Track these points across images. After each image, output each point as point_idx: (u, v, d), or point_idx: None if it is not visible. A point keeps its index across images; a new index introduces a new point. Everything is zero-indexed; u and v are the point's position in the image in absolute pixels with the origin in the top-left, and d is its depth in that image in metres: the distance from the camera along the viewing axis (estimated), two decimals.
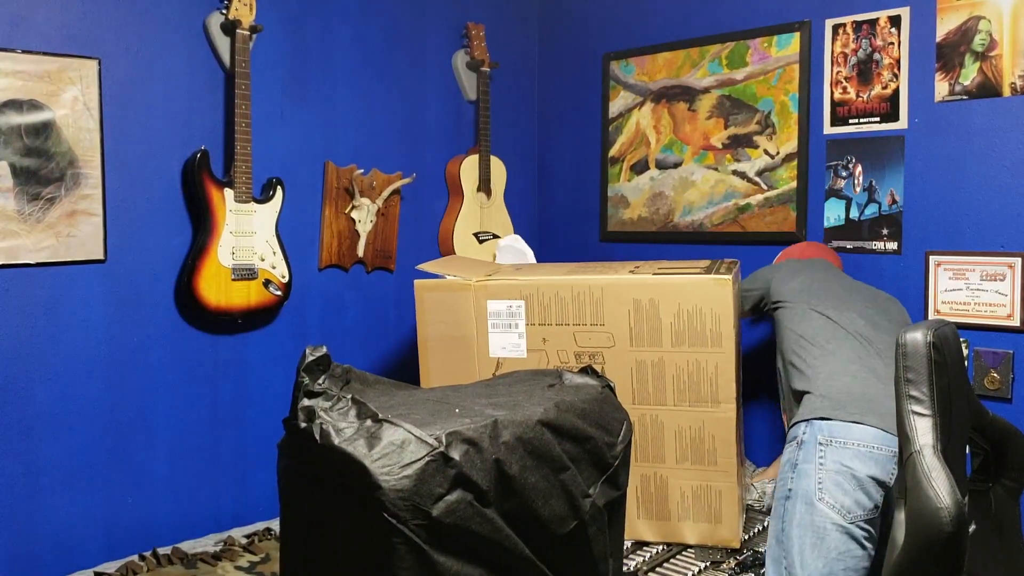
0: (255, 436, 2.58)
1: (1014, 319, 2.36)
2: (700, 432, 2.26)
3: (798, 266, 2.44)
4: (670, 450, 2.29)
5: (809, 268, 2.41)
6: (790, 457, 1.93)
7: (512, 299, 2.35)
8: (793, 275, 2.37)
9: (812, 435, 1.90)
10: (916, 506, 1.28)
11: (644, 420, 2.29)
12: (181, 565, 2.21)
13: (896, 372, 1.41)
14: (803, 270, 2.39)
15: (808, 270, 2.39)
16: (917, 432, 1.35)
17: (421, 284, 2.45)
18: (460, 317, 2.39)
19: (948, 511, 1.24)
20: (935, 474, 1.29)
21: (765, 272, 2.47)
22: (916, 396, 1.37)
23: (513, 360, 2.34)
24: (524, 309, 2.34)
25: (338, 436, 1.36)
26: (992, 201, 2.43)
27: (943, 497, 1.25)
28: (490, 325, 2.37)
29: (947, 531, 1.23)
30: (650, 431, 2.29)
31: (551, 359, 2.33)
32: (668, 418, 2.28)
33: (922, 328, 1.41)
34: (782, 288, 2.34)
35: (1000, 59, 2.40)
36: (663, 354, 2.24)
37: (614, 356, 2.27)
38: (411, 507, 1.31)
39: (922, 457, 1.31)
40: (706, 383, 2.21)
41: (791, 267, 2.44)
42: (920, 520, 1.27)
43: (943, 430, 1.35)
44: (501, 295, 2.36)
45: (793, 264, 2.47)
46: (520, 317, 2.35)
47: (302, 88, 2.71)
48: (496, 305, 2.36)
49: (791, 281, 2.34)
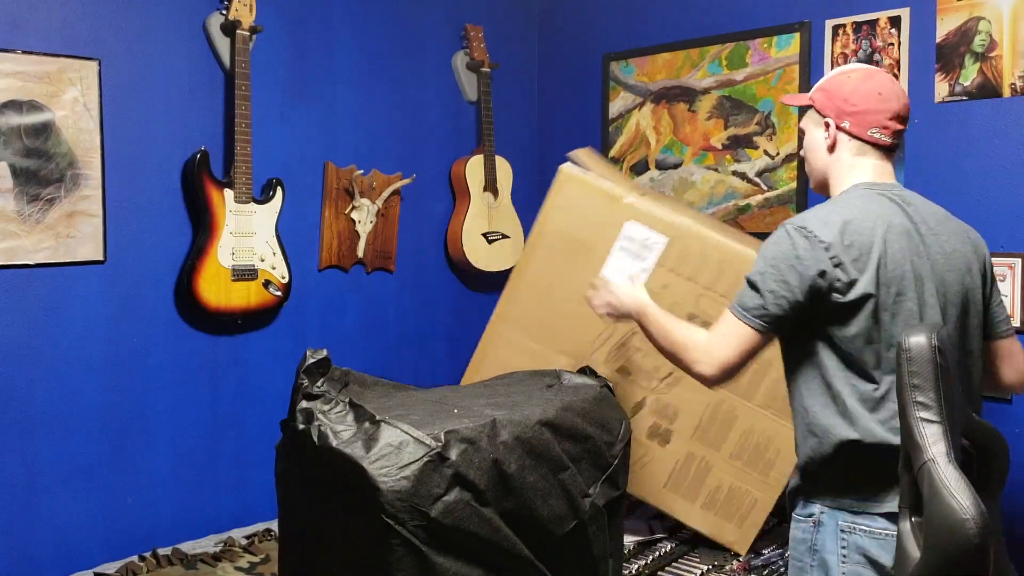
0: (255, 437, 2.58)
1: (1014, 320, 2.36)
2: (768, 442, 2.22)
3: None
4: (730, 443, 2.25)
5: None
6: (806, 537, 1.67)
7: (656, 231, 2.23)
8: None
9: (832, 519, 1.62)
10: (937, 517, 1.25)
11: (720, 405, 2.24)
12: (181, 566, 2.21)
13: (899, 377, 1.40)
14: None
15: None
16: (928, 440, 1.33)
17: (568, 171, 2.31)
18: (593, 221, 2.25)
19: (975, 521, 1.22)
20: (954, 483, 1.26)
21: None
22: (923, 402, 1.36)
23: None
24: (663, 248, 2.22)
25: (336, 438, 1.36)
26: (992, 202, 2.43)
27: (967, 507, 1.23)
28: (618, 246, 2.24)
29: (975, 542, 1.21)
30: (719, 417, 2.25)
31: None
32: (744, 414, 2.24)
33: (924, 331, 1.39)
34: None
35: (1000, 60, 2.39)
36: (775, 356, 2.11)
37: None
38: (409, 508, 1.32)
39: (937, 466, 1.29)
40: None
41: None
42: (943, 531, 1.24)
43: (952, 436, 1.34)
44: (647, 222, 2.24)
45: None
46: (654, 252, 2.23)
47: (302, 89, 2.71)
48: (635, 229, 2.24)
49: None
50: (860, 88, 1.65)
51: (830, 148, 1.68)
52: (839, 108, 1.66)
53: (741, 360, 1.62)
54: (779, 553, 2.25)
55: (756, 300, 1.59)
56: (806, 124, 1.75)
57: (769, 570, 2.17)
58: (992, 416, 2.34)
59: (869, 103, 1.65)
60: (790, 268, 1.55)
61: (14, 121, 2.10)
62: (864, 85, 1.66)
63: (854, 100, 1.65)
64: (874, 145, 1.66)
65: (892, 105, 1.65)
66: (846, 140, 1.66)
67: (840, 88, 1.66)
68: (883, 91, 1.67)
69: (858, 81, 1.67)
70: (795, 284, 1.55)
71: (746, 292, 1.61)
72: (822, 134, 1.69)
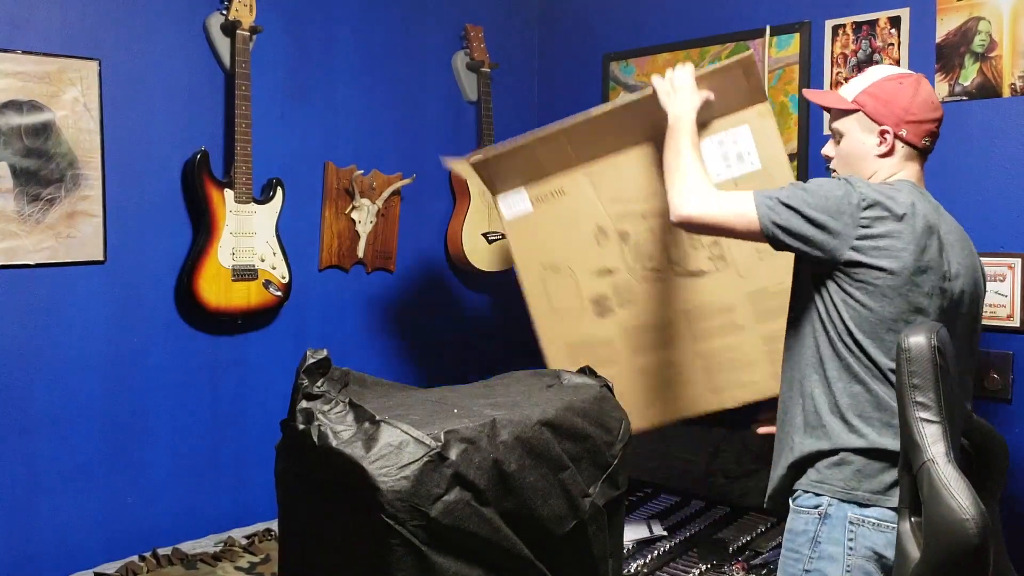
0: (255, 436, 2.58)
1: (1014, 320, 2.36)
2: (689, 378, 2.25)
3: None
4: (644, 355, 2.25)
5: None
6: (808, 529, 1.61)
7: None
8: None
9: (842, 512, 1.57)
10: (937, 517, 1.26)
11: (669, 326, 2.23)
12: (181, 566, 2.21)
13: (899, 377, 1.40)
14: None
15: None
16: (928, 440, 1.33)
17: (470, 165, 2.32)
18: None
19: (974, 521, 1.22)
20: (954, 484, 1.27)
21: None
22: (923, 402, 1.36)
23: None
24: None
25: (336, 438, 1.36)
26: (992, 202, 2.43)
27: (967, 507, 1.23)
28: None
29: (974, 542, 1.22)
30: (660, 331, 2.24)
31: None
32: (678, 350, 2.24)
33: (924, 331, 1.39)
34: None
35: (1000, 60, 2.39)
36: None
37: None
38: (409, 508, 1.32)
39: (936, 466, 1.30)
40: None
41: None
42: (944, 532, 1.24)
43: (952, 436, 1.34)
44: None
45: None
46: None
47: (302, 89, 2.71)
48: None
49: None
50: (918, 98, 1.68)
51: (884, 155, 1.69)
52: (899, 117, 1.67)
53: (718, 226, 1.67)
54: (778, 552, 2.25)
55: (784, 206, 1.60)
56: (847, 127, 1.73)
57: (768, 570, 2.17)
58: (992, 416, 2.34)
59: (926, 112, 1.69)
60: (839, 213, 1.56)
61: (14, 121, 2.10)
62: (921, 95, 1.69)
63: (914, 110, 1.67)
64: (921, 151, 1.71)
65: (939, 113, 1.72)
66: (900, 147, 1.68)
67: (898, 97, 1.67)
68: (934, 99, 1.72)
69: (914, 90, 1.68)
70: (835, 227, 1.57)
71: (782, 192, 1.62)
72: (872, 140, 1.69)
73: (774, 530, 2.38)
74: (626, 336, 2.24)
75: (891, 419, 1.53)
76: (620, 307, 2.22)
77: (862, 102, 1.69)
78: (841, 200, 1.56)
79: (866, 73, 1.75)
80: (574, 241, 2.24)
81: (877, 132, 1.68)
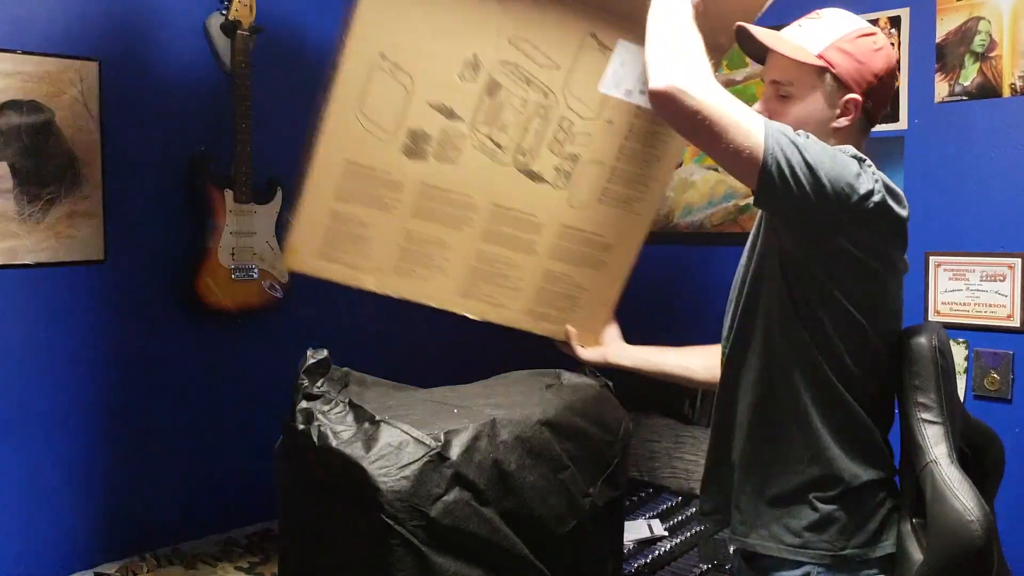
0: (255, 436, 2.57)
1: (1014, 320, 2.36)
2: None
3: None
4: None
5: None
6: None
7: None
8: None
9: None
10: (941, 519, 1.25)
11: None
12: (181, 566, 2.21)
13: (901, 378, 1.39)
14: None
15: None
16: (930, 441, 1.33)
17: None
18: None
19: (979, 522, 1.22)
20: (958, 485, 1.26)
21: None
22: (925, 403, 1.36)
23: None
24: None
25: (336, 438, 1.36)
26: (992, 202, 2.43)
27: (972, 509, 1.23)
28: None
29: (980, 544, 1.21)
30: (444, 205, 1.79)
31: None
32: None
33: (925, 332, 1.39)
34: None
35: (1000, 60, 2.39)
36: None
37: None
38: (409, 508, 1.32)
39: (940, 467, 1.29)
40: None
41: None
42: (948, 533, 1.24)
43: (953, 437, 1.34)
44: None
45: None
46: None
47: (302, 89, 2.70)
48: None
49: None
50: (890, 64, 1.40)
51: (841, 128, 1.38)
52: (869, 83, 1.37)
53: (707, 118, 1.23)
54: None
55: (793, 145, 1.24)
56: (804, 85, 1.38)
57: None
58: (992, 416, 2.34)
59: (892, 82, 1.43)
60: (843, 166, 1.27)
61: (14, 121, 2.10)
62: (891, 59, 1.41)
63: (886, 79, 1.40)
64: (869, 130, 1.45)
65: (898, 82, 1.48)
66: (860, 120, 1.40)
67: (872, 61, 1.37)
68: (897, 62, 1.44)
69: (887, 54, 1.40)
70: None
71: (797, 135, 1.27)
72: (833, 109, 1.37)
73: None
74: (419, 191, 1.78)
75: (871, 442, 1.37)
76: (435, 158, 1.75)
77: (833, 60, 1.36)
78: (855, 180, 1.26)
79: (826, 20, 1.41)
80: (438, 53, 1.73)
81: (843, 100, 1.36)
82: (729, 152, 1.25)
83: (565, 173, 1.80)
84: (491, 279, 1.85)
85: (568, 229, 1.82)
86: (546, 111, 1.76)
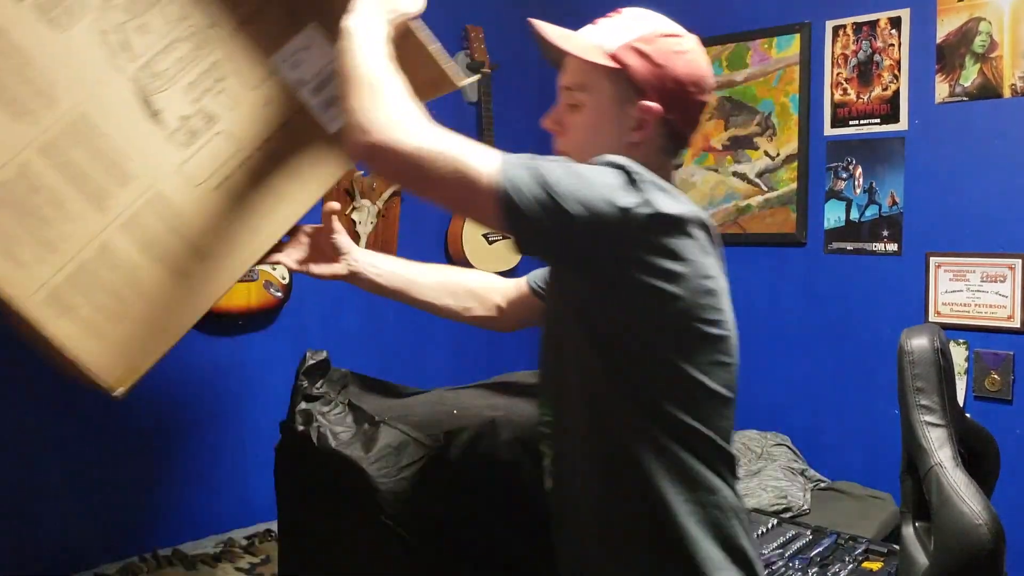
0: (255, 437, 2.58)
1: (1014, 320, 2.36)
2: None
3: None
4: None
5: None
6: None
7: None
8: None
9: None
10: (949, 523, 1.25)
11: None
12: (181, 566, 2.21)
13: (902, 381, 1.39)
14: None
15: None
16: (934, 444, 1.33)
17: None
18: None
19: (988, 526, 1.22)
20: (964, 489, 1.27)
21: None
22: (928, 406, 1.36)
23: None
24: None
25: (335, 439, 1.36)
26: (992, 202, 2.43)
27: (979, 513, 1.23)
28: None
29: (989, 547, 1.22)
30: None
31: None
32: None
33: (926, 334, 1.39)
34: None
35: (1000, 60, 2.39)
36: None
37: None
38: (409, 509, 1.32)
39: (945, 470, 1.29)
40: None
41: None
42: (956, 537, 1.24)
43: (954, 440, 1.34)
44: None
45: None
46: None
47: None
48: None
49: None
50: (696, 71, 1.19)
51: (637, 143, 1.18)
52: (671, 93, 1.17)
53: (426, 168, 1.07)
54: (779, 553, 2.25)
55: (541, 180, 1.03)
56: (589, 85, 1.20)
57: (770, 571, 2.17)
58: (993, 417, 2.34)
59: (704, 92, 1.21)
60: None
61: None
62: (699, 67, 1.20)
63: (690, 86, 1.18)
64: (683, 147, 1.25)
65: (712, 98, 1.26)
66: (659, 135, 1.19)
67: (673, 64, 1.17)
68: (711, 77, 1.23)
69: (693, 60, 1.20)
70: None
71: (542, 161, 1.07)
72: (622, 117, 1.18)
73: (776, 531, 2.38)
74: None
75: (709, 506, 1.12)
76: (39, 10, 1.22)
77: (626, 60, 1.17)
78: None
79: (626, 18, 1.23)
80: None
81: (637, 107, 1.17)
82: (462, 201, 1.09)
83: (191, 130, 1.34)
84: (22, 214, 1.21)
85: (162, 201, 1.32)
86: (202, 43, 1.34)
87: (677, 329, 1.09)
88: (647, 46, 1.18)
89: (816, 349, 2.81)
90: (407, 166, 1.08)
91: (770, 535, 2.38)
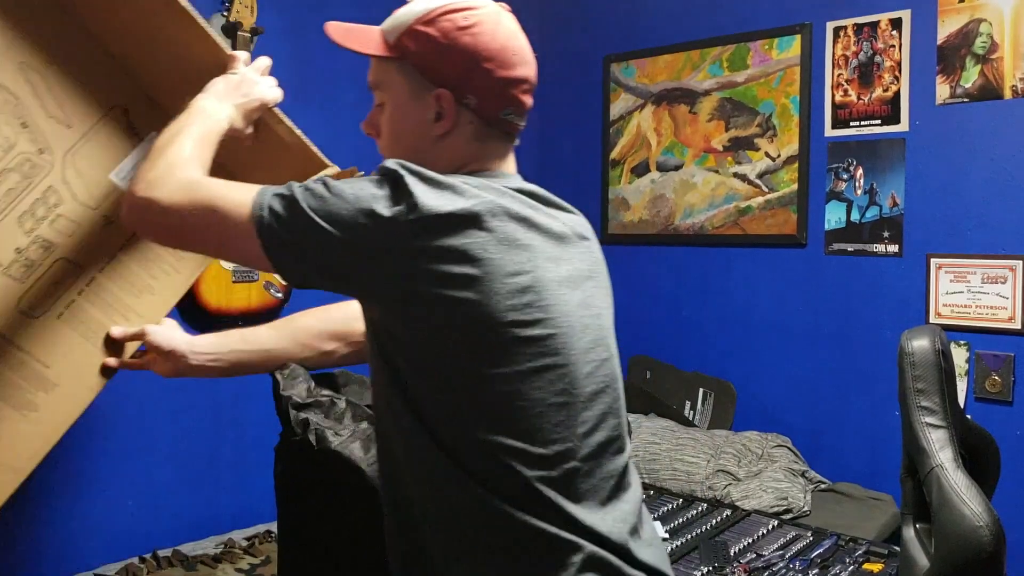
0: (255, 438, 2.58)
1: (1015, 322, 2.36)
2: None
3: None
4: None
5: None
6: None
7: None
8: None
9: None
10: (949, 525, 1.25)
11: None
12: (181, 567, 2.21)
13: (903, 382, 1.39)
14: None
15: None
16: (935, 445, 1.33)
17: None
18: None
19: (989, 528, 1.22)
20: (965, 490, 1.26)
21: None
22: (928, 407, 1.35)
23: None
24: None
25: (334, 439, 1.36)
26: (993, 204, 2.42)
27: (981, 515, 1.23)
28: None
29: (990, 549, 1.21)
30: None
31: None
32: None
33: (928, 335, 1.39)
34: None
35: (1001, 62, 2.39)
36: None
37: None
38: None
39: (946, 472, 1.29)
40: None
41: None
42: (957, 539, 1.24)
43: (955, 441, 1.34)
44: None
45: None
46: None
47: (303, 90, 2.70)
48: None
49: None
50: (483, 44, 1.07)
51: (443, 134, 1.10)
52: (461, 76, 1.07)
53: (193, 227, 1.03)
54: (779, 555, 2.25)
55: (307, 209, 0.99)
56: (383, 81, 1.14)
57: (770, 573, 2.17)
58: (994, 418, 2.34)
59: (507, 68, 1.09)
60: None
61: None
62: (497, 39, 1.08)
63: (484, 63, 1.07)
64: (511, 131, 1.14)
65: (527, 71, 1.12)
66: (466, 122, 1.10)
67: (457, 41, 1.07)
68: (520, 49, 1.11)
69: (480, 31, 1.07)
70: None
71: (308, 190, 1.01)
72: (423, 107, 1.10)
73: (776, 532, 2.38)
74: None
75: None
76: None
77: (408, 47, 1.09)
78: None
79: (414, 2, 1.12)
80: None
81: (432, 96, 1.09)
82: (224, 242, 1.05)
83: (28, 262, 1.31)
84: None
85: (2, 341, 1.30)
86: (33, 170, 1.30)
87: (482, 338, 0.99)
88: (427, 27, 1.07)
89: (817, 350, 2.80)
90: (165, 220, 1.05)
91: (770, 536, 2.37)
